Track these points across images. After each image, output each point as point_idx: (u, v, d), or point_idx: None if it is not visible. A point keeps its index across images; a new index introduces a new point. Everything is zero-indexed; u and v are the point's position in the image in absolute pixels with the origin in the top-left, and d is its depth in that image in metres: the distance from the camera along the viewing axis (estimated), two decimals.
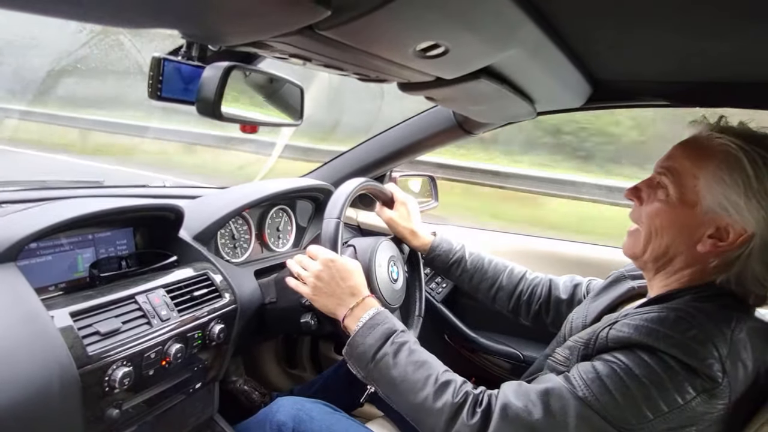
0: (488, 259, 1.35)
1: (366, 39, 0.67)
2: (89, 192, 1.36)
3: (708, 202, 0.80)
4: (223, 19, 0.62)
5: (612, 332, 0.80)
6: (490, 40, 0.73)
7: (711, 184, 0.80)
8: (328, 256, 1.04)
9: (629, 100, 1.27)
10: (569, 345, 0.89)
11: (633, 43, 0.86)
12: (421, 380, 0.86)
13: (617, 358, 0.76)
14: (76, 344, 0.84)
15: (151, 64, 0.81)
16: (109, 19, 0.60)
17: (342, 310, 1.00)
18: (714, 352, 0.72)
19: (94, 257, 1.08)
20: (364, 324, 0.95)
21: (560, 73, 0.99)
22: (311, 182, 1.61)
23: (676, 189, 0.84)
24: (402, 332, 0.94)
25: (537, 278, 1.32)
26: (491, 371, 1.70)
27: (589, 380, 0.76)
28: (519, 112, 1.26)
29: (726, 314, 0.77)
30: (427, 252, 1.36)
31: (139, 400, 0.98)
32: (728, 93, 1.06)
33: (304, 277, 1.06)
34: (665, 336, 0.74)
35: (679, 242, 0.84)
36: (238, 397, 1.62)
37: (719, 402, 0.73)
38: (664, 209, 0.85)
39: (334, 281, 1.02)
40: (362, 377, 0.94)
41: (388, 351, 0.91)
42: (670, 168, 0.85)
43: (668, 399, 0.72)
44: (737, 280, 0.81)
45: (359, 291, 1.02)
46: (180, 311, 1.04)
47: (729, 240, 0.79)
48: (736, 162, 0.78)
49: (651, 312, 0.79)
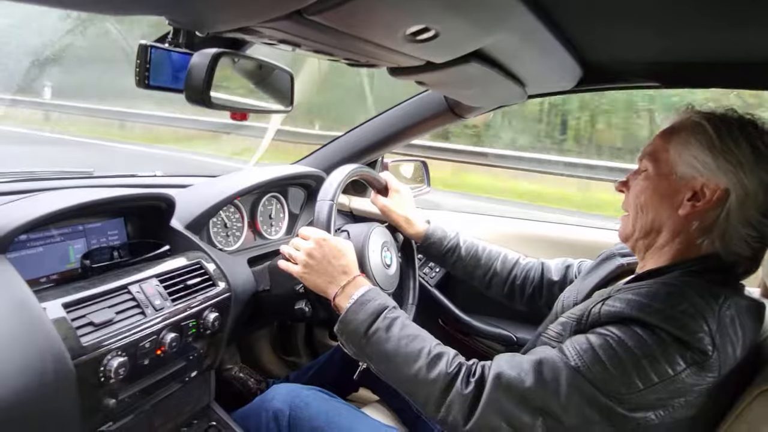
0: (482, 246, 1.36)
1: (355, 23, 0.66)
2: (79, 182, 1.35)
3: (680, 168, 0.86)
4: (210, 4, 0.61)
5: (604, 307, 0.81)
6: (480, 23, 0.72)
7: (680, 150, 0.86)
8: (320, 235, 1.05)
9: (620, 82, 1.27)
10: (562, 321, 0.91)
11: (623, 25, 0.87)
12: (414, 353, 0.87)
13: (610, 331, 0.78)
14: (70, 335, 0.83)
15: (138, 51, 0.80)
16: (93, 4, 0.59)
17: (333, 289, 1.00)
18: (704, 326, 0.74)
19: (86, 248, 1.08)
20: (356, 301, 0.95)
21: (551, 55, 0.98)
22: (303, 169, 1.60)
23: (653, 165, 0.90)
24: (394, 308, 0.95)
25: (530, 263, 1.33)
26: (485, 354, 1.71)
27: (582, 351, 0.78)
28: (510, 96, 1.26)
29: (715, 290, 0.79)
30: (422, 240, 1.36)
31: (135, 389, 0.98)
32: (717, 73, 1.07)
33: (295, 257, 1.06)
34: (657, 310, 0.76)
35: (662, 212, 0.88)
36: (234, 385, 1.63)
37: (709, 374, 0.74)
38: (645, 185, 0.91)
39: (326, 260, 1.02)
40: (354, 353, 0.95)
41: (380, 326, 0.91)
42: (646, 151, 0.92)
43: (659, 370, 0.73)
44: (723, 244, 0.83)
45: (350, 270, 1.02)
46: (174, 300, 1.04)
47: (706, 198, 0.83)
48: (699, 127, 0.85)
49: (642, 287, 0.81)
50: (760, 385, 0.77)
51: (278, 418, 1.14)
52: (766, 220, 0.82)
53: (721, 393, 0.77)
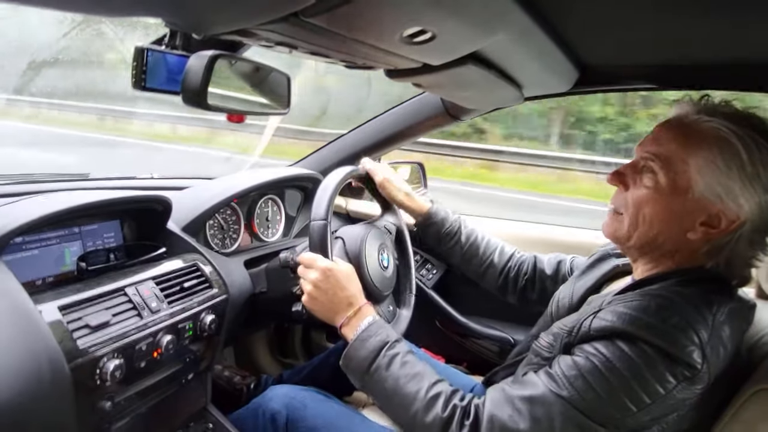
0: (481, 235, 1.34)
1: (352, 25, 0.66)
2: (75, 185, 1.35)
3: (700, 188, 0.78)
4: (207, 6, 0.61)
5: (595, 321, 0.80)
6: (476, 25, 0.72)
7: (703, 169, 0.78)
8: (325, 265, 1.03)
9: (616, 84, 1.27)
10: (554, 331, 0.90)
11: (619, 27, 0.87)
12: (411, 394, 0.87)
13: (598, 351, 0.76)
14: (66, 338, 0.83)
15: (134, 54, 0.80)
16: (88, 6, 0.59)
17: (339, 319, 1.00)
18: (695, 338, 0.73)
19: (82, 250, 1.07)
20: (358, 336, 0.96)
21: (547, 57, 0.99)
22: (299, 171, 1.60)
23: (667, 175, 0.81)
24: (395, 342, 0.95)
25: (524, 256, 1.33)
26: (483, 356, 1.71)
27: (572, 377, 0.77)
28: (506, 98, 1.26)
29: (708, 299, 0.78)
30: (424, 218, 1.33)
31: (131, 392, 0.97)
32: (715, 75, 1.07)
33: (301, 284, 1.06)
34: (647, 324, 0.74)
35: (669, 230, 0.83)
36: (219, 384, 1.62)
37: (698, 387, 0.74)
38: (654, 197, 0.83)
39: (332, 291, 1.01)
40: (360, 387, 0.96)
41: (380, 363, 0.92)
42: (657, 153, 0.83)
43: (650, 390, 0.73)
44: (726, 264, 0.82)
45: (356, 300, 1.02)
46: (170, 303, 1.04)
47: (721, 227, 0.78)
48: (728, 147, 0.76)
49: (634, 299, 0.79)
50: (755, 384, 0.78)
51: (275, 420, 1.14)
52: None
53: (710, 399, 0.77)
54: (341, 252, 1.21)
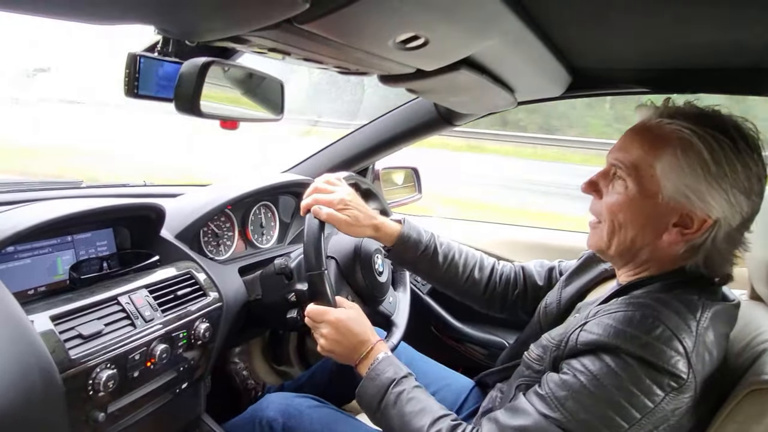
0: (458, 251, 1.23)
1: (345, 31, 0.66)
2: (68, 193, 1.34)
3: (668, 190, 0.80)
4: (199, 13, 0.61)
5: (582, 334, 0.80)
6: (469, 30, 0.73)
7: (668, 172, 0.79)
8: (333, 318, 1.03)
9: (609, 88, 1.28)
10: (543, 344, 0.90)
11: (612, 31, 0.87)
12: (415, 431, 0.89)
13: (585, 368, 0.77)
14: (58, 348, 0.82)
15: (126, 61, 0.80)
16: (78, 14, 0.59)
17: (355, 358, 1.01)
18: (680, 347, 0.73)
19: (74, 259, 1.06)
20: (367, 375, 0.97)
21: (540, 62, 0.99)
22: (293, 177, 1.60)
23: (634, 181, 0.83)
24: (402, 378, 0.95)
25: (505, 268, 1.26)
26: (478, 360, 1.71)
27: (563, 398, 0.77)
28: (500, 102, 1.27)
29: (692, 303, 0.78)
30: (396, 242, 1.17)
31: (124, 402, 0.96)
32: (707, 79, 1.08)
33: (315, 336, 1.06)
34: (632, 337, 0.75)
35: (644, 234, 0.84)
36: (234, 380, 1.62)
37: (686, 395, 0.74)
38: (625, 202, 0.84)
39: (345, 339, 1.02)
40: (374, 423, 0.99)
41: (388, 401, 0.93)
42: (623, 161, 0.84)
43: (638, 405, 0.73)
44: (706, 263, 0.82)
45: (368, 338, 1.02)
46: (164, 311, 1.03)
47: (694, 228, 0.80)
48: (690, 147, 0.78)
49: (618, 310, 0.79)
50: (749, 384, 0.78)
51: (272, 428, 1.13)
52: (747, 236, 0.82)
53: (701, 403, 0.77)
54: (335, 272, 1.22)
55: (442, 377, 1.35)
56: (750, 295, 1.05)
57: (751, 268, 0.98)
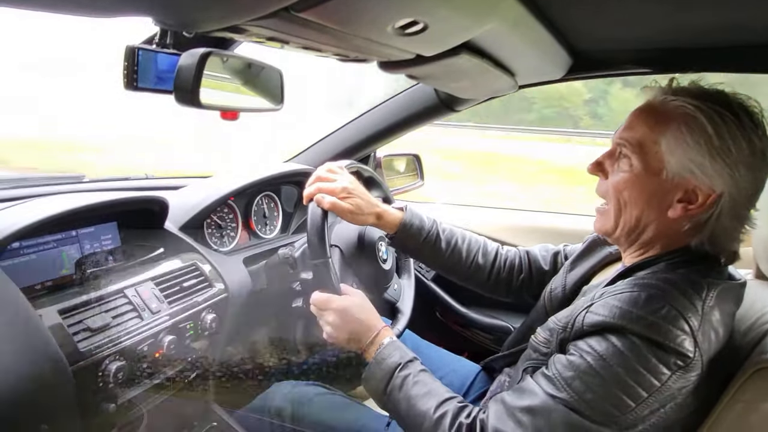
0: (461, 236, 1.24)
1: (343, 18, 0.66)
2: (71, 187, 1.34)
3: (672, 166, 0.81)
4: (197, 4, 0.61)
5: (588, 316, 0.80)
6: (468, 14, 0.72)
7: (673, 148, 0.80)
8: (337, 306, 1.03)
9: (610, 69, 1.27)
10: (549, 327, 0.90)
11: (612, 12, 0.86)
12: (421, 414, 0.89)
13: (592, 348, 0.77)
14: (67, 341, 0.83)
15: (124, 54, 0.79)
16: (74, 7, 0.58)
17: (360, 345, 1.02)
18: (685, 326, 0.73)
19: (80, 253, 1.07)
20: (373, 360, 0.98)
21: (540, 45, 0.98)
22: (295, 167, 1.60)
23: (639, 158, 0.83)
24: (408, 363, 0.96)
25: (510, 252, 1.27)
26: (483, 345, 1.72)
27: (569, 378, 0.77)
28: (500, 86, 1.26)
29: (697, 282, 0.78)
30: (398, 230, 1.18)
31: (134, 393, 0.97)
32: (709, 58, 1.07)
33: (320, 324, 1.07)
34: (638, 317, 0.75)
35: (649, 211, 0.84)
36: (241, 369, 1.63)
37: (693, 374, 0.74)
38: (630, 179, 0.85)
39: (350, 325, 1.02)
40: (381, 407, 0.99)
41: (394, 384, 0.94)
42: (629, 139, 0.85)
43: (645, 384, 0.73)
44: (711, 240, 0.82)
45: (373, 324, 1.03)
46: (170, 303, 1.04)
47: (698, 202, 0.80)
48: (694, 122, 0.78)
49: (624, 290, 0.80)
50: (756, 363, 0.78)
51: (281, 416, 1.14)
52: (753, 213, 0.82)
53: (708, 382, 0.78)
54: (339, 261, 1.21)
55: (448, 363, 1.36)
56: (755, 275, 1.05)
57: (757, 248, 0.98)
